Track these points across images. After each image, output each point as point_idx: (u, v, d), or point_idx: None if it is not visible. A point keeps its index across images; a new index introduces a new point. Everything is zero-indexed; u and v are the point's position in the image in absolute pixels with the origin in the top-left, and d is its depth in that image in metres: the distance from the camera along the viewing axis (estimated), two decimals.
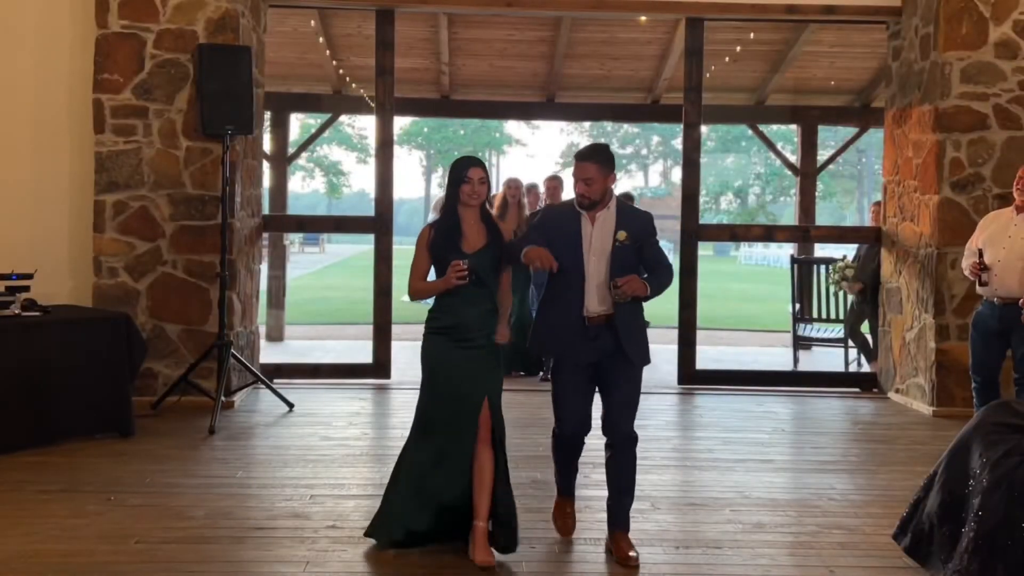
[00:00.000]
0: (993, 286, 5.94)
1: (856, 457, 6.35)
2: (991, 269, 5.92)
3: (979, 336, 6.18)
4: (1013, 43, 7.58)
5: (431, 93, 11.78)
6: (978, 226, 6.36)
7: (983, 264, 5.93)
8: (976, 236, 6.24)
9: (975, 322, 6.23)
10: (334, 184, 48.09)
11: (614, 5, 8.42)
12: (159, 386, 7.16)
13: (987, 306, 6.11)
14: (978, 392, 6.23)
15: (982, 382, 6.19)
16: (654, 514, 4.97)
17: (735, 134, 44.18)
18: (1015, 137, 7.57)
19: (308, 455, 6.00)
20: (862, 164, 46.28)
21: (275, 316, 11.65)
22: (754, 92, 11.81)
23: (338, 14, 9.79)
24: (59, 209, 7.31)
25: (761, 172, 46.71)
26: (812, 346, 10.59)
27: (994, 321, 6.01)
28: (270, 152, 11.38)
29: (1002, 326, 5.97)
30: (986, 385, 6.18)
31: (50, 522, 4.64)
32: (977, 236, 6.22)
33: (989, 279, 5.93)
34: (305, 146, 14.97)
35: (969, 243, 6.28)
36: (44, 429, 6.01)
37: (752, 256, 40.74)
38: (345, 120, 42.97)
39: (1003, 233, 6.00)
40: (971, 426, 4.15)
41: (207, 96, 6.92)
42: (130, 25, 7.20)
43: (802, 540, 4.66)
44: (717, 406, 7.84)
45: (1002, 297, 5.93)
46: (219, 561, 4.23)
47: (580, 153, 4.41)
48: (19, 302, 6.22)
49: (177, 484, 5.32)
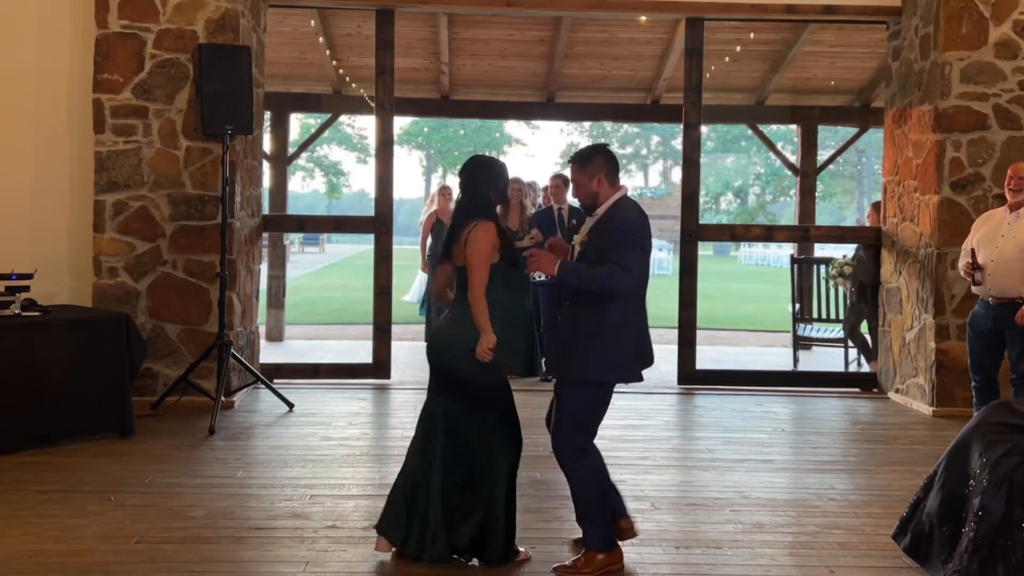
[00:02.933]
0: (987, 286, 5.95)
1: (856, 457, 6.35)
2: (984, 269, 5.93)
3: (975, 336, 6.20)
4: (1013, 43, 7.58)
5: (431, 93, 11.78)
6: (973, 226, 6.38)
7: (975, 264, 5.95)
8: (971, 236, 6.26)
9: (971, 322, 6.26)
10: (334, 184, 48.06)
11: (614, 5, 8.42)
12: (159, 386, 7.16)
13: (982, 305, 6.12)
14: (977, 392, 6.25)
15: (981, 382, 6.22)
16: (654, 514, 4.97)
17: (735, 134, 44.15)
18: (1015, 137, 7.57)
19: (308, 455, 6.00)
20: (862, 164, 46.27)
21: (275, 316, 11.65)
22: (754, 92, 11.81)
23: (338, 14, 9.79)
24: (59, 209, 7.31)
25: (761, 172, 46.69)
26: (812, 346, 10.60)
27: (989, 320, 6.03)
28: (270, 152, 11.38)
29: (996, 325, 5.99)
30: (985, 385, 6.20)
31: (50, 522, 4.64)
32: (971, 236, 6.24)
33: (982, 279, 5.94)
34: (305, 146, 14.96)
35: (965, 244, 6.30)
36: (44, 429, 6.01)
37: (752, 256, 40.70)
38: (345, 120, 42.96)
39: (996, 233, 6.01)
40: (971, 426, 4.15)
41: (207, 96, 6.92)
42: (130, 25, 7.20)
43: (802, 540, 4.66)
44: (717, 406, 7.84)
45: (996, 296, 5.95)
46: (219, 561, 4.23)
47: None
48: (19, 302, 6.22)
49: (177, 484, 5.32)
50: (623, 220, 4.07)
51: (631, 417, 7.24)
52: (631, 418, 7.21)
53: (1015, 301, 5.89)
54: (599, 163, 4.16)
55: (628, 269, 3.96)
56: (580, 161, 4.20)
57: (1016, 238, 5.92)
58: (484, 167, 4.33)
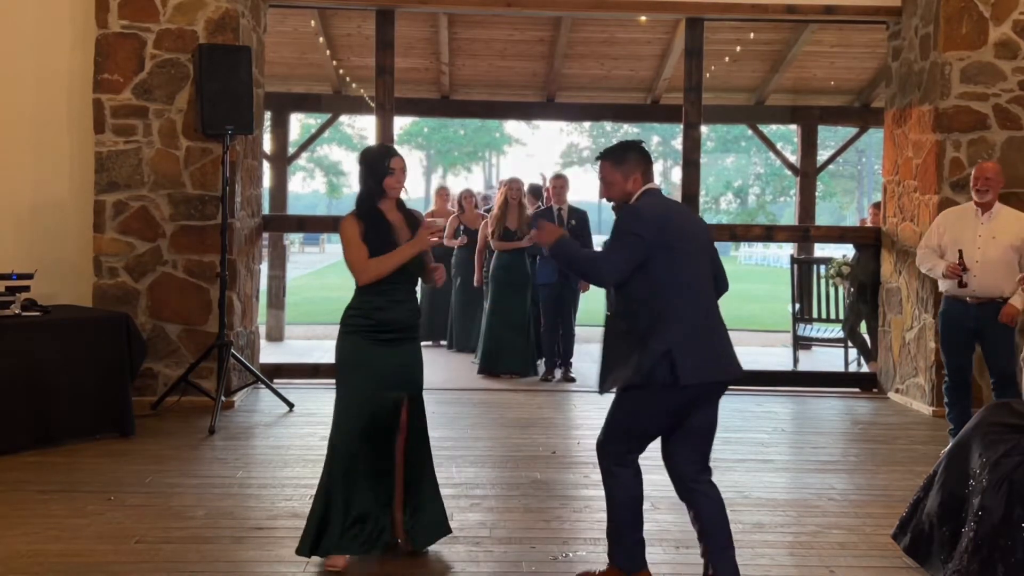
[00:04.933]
0: (971, 286, 5.94)
1: (856, 457, 6.35)
2: (970, 270, 5.91)
3: (952, 336, 6.13)
4: (1013, 43, 7.58)
5: (431, 93, 11.78)
6: (934, 224, 6.35)
7: (963, 264, 5.91)
8: (933, 233, 6.23)
9: (946, 322, 6.16)
10: (334, 184, 48.06)
11: (614, 5, 8.42)
12: (159, 386, 7.16)
13: (957, 305, 6.05)
14: (950, 391, 6.18)
15: (956, 381, 6.16)
16: (654, 514, 4.96)
17: (735, 134, 44.12)
18: (1015, 137, 7.57)
19: (308, 455, 5.99)
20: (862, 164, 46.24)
21: (275, 316, 11.65)
22: (754, 92, 11.81)
23: (338, 14, 9.79)
24: (59, 209, 7.31)
25: (761, 172, 46.69)
26: (812, 346, 10.60)
27: (969, 320, 5.99)
28: (270, 152, 11.38)
29: (978, 325, 5.97)
30: (958, 385, 6.15)
31: (50, 522, 4.65)
32: (934, 234, 6.21)
33: (968, 280, 5.92)
34: (305, 146, 14.96)
35: (926, 241, 6.27)
36: (44, 429, 6.01)
37: (752, 256, 40.71)
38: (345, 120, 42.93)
39: (971, 233, 5.99)
40: (970, 426, 4.15)
41: (207, 96, 6.92)
42: (130, 25, 7.19)
43: (802, 540, 4.66)
44: None
45: (977, 296, 5.93)
46: (219, 561, 4.23)
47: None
48: (19, 302, 6.22)
49: (177, 484, 5.32)
50: (628, 211, 3.88)
51: None
52: None
53: (995, 300, 5.89)
54: (635, 161, 3.93)
55: (609, 260, 3.81)
56: (614, 159, 3.94)
57: (997, 239, 5.93)
58: (361, 161, 4.35)
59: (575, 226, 8.56)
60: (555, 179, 9.00)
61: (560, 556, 4.37)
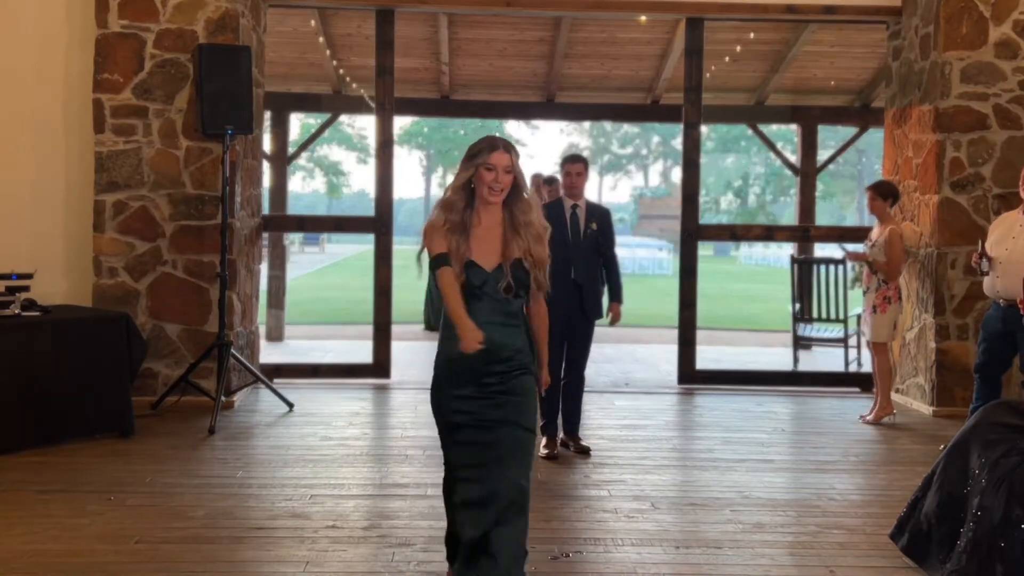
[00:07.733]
0: (996, 287, 5.94)
1: (856, 457, 6.35)
2: (993, 259, 5.92)
3: (986, 338, 6.18)
4: (1013, 43, 7.58)
5: (431, 93, 11.77)
6: (989, 230, 6.38)
7: (984, 253, 5.93)
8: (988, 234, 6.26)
9: (984, 324, 6.26)
10: (334, 184, 48.05)
11: (614, 5, 8.42)
12: (159, 386, 7.16)
13: (994, 307, 6.11)
14: (978, 390, 6.21)
15: (984, 382, 6.17)
16: (654, 514, 4.97)
17: (735, 134, 44.11)
18: (1015, 137, 7.57)
19: (308, 455, 6.00)
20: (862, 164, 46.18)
21: (275, 316, 11.64)
22: (754, 92, 11.80)
23: (338, 14, 9.79)
24: (59, 209, 7.31)
25: (761, 172, 46.68)
26: (812, 346, 10.60)
27: (999, 323, 6.01)
28: (270, 152, 11.38)
29: (1007, 328, 5.97)
30: (988, 383, 6.17)
31: (50, 522, 4.65)
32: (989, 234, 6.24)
33: (988, 268, 5.93)
34: (305, 146, 14.97)
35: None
36: (44, 429, 6.01)
37: (752, 256, 40.69)
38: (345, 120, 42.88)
39: (1008, 234, 6.01)
40: (969, 426, 4.15)
41: (207, 96, 6.91)
42: (130, 25, 7.19)
43: (802, 540, 4.66)
44: (717, 406, 7.84)
45: (1006, 299, 5.93)
46: (219, 561, 4.23)
47: None
48: (19, 302, 6.23)
49: (177, 484, 5.32)
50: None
51: (631, 417, 7.23)
52: (631, 418, 7.21)
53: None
54: None
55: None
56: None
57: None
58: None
59: (596, 231, 6.33)
60: (569, 163, 6.43)
61: (560, 556, 4.37)
